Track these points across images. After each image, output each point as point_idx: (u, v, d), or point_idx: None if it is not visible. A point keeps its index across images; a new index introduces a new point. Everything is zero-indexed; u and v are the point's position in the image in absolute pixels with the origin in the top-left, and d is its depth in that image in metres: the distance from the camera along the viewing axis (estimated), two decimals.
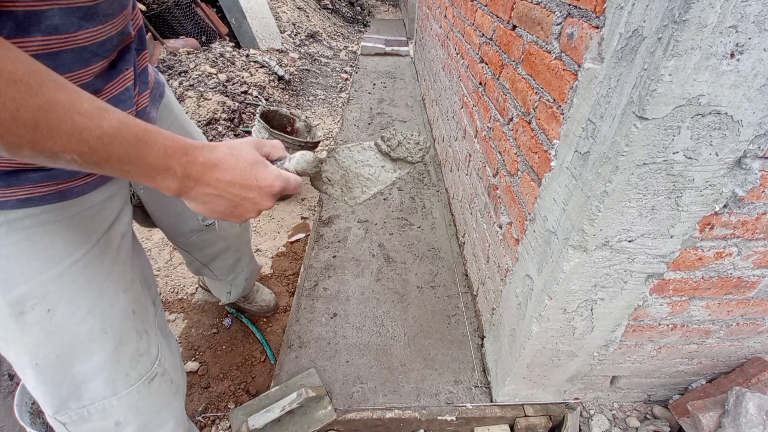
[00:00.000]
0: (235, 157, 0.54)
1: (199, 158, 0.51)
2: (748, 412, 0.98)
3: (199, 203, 0.55)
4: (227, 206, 0.56)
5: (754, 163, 0.67)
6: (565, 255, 0.82)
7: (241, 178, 0.54)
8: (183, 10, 4.14)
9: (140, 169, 0.46)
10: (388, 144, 0.70)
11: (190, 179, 0.51)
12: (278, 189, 0.58)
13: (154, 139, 0.46)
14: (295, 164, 0.62)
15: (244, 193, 0.55)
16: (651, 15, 0.59)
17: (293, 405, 1.18)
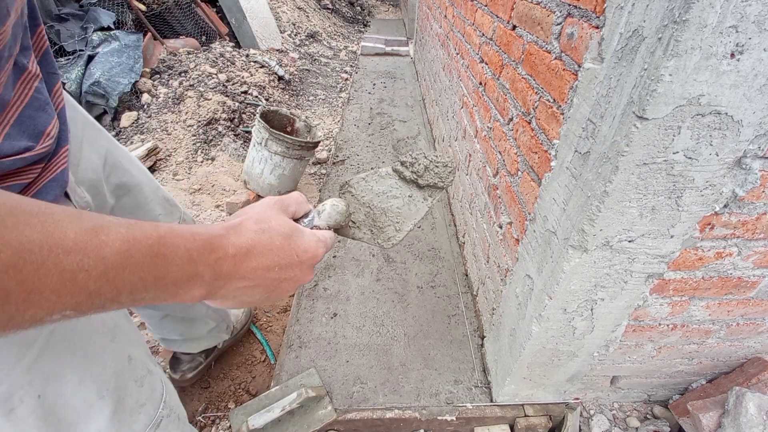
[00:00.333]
0: (267, 234, 0.44)
1: (230, 250, 0.40)
2: (748, 412, 0.98)
3: (227, 299, 0.44)
4: (263, 294, 0.46)
5: (754, 163, 0.67)
6: (565, 255, 0.82)
7: (280, 258, 0.44)
8: (183, 10, 4.14)
9: (158, 292, 0.36)
10: (414, 170, 0.61)
11: (221, 279, 0.40)
12: (321, 256, 0.49)
13: (172, 246, 0.36)
14: (327, 219, 0.53)
15: (284, 275, 0.46)
16: (651, 15, 0.59)
17: (293, 405, 1.18)
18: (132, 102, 3.14)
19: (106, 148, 0.83)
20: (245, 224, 0.44)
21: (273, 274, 0.44)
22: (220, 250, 0.40)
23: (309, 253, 0.47)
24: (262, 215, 0.46)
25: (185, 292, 0.38)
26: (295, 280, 0.47)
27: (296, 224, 0.48)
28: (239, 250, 0.41)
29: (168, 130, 2.82)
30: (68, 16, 3.28)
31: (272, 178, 2.31)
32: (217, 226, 0.42)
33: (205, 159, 2.70)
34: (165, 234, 0.36)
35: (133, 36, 3.35)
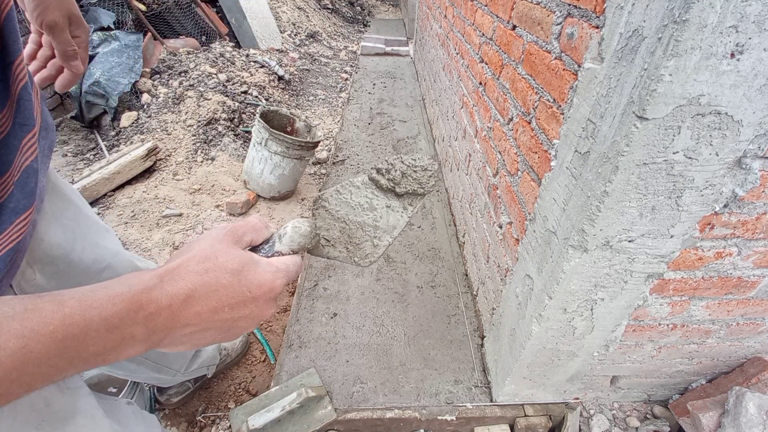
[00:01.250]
0: (213, 274, 0.40)
1: (163, 301, 0.37)
2: (748, 412, 0.98)
3: (177, 345, 0.41)
4: (217, 335, 0.43)
5: (754, 163, 0.67)
6: (565, 255, 0.82)
7: (229, 298, 0.40)
8: (183, 10, 4.14)
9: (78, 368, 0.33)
10: (390, 177, 0.55)
11: (158, 333, 0.37)
12: (281, 288, 0.45)
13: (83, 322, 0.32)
14: (289, 243, 0.48)
15: (237, 314, 0.42)
16: (651, 15, 0.59)
17: (293, 405, 1.18)
18: (132, 102, 3.14)
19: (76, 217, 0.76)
20: (185, 265, 0.40)
21: (223, 315, 0.41)
22: (150, 305, 0.36)
23: (264, 287, 0.43)
24: (207, 252, 0.41)
25: (116, 356, 0.35)
26: (251, 317, 0.43)
27: (250, 256, 0.44)
28: (175, 299, 0.38)
29: (168, 130, 2.82)
30: None
31: (272, 178, 2.31)
32: (148, 275, 0.38)
33: (205, 159, 2.70)
34: (71, 311, 0.32)
35: (133, 36, 3.35)
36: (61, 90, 0.72)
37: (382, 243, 0.56)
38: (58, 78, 0.70)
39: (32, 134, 0.51)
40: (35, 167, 0.52)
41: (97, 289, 0.35)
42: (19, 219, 0.51)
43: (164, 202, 2.34)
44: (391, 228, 0.57)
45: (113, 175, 2.39)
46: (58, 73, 0.70)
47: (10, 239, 0.50)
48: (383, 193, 0.57)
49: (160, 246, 2.05)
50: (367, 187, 0.57)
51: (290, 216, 2.36)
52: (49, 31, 0.65)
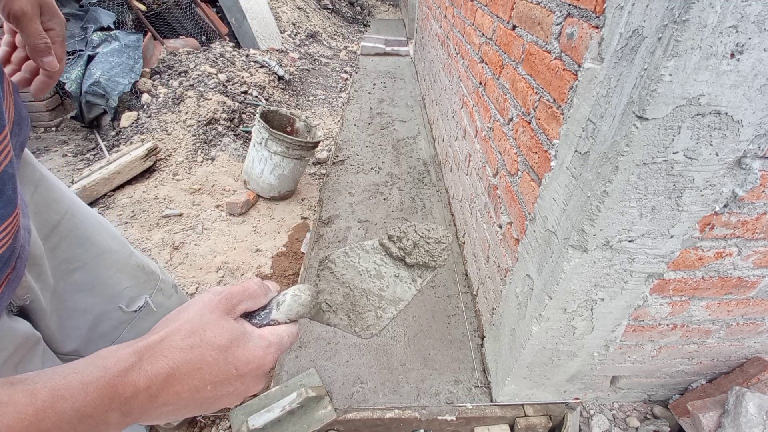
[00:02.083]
0: (198, 350, 0.37)
1: (141, 383, 0.35)
2: (748, 412, 0.98)
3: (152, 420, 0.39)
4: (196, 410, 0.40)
5: (754, 163, 0.67)
6: (565, 255, 0.82)
7: (213, 376, 0.38)
8: (183, 10, 4.14)
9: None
10: (401, 246, 0.53)
11: (133, 414, 0.35)
12: (271, 364, 0.42)
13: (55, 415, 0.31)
14: (287, 312, 0.46)
15: (220, 392, 0.39)
16: (651, 15, 0.59)
17: (293, 405, 1.18)
18: (132, 102, 3.14)
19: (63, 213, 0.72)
20: (169, 340, 0.37)
21: (205, 394, 0.38)
22: (127, 388, 0.34)
23: (253, 363, 0.40)
24: (195, 324, 0.39)
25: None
26: (235, 394, 0.41)
27: (241, 329, 0.41)
28: (154, 380, 0.35)
29: (168, 130, 2.83)
30: (68, 16, 3.28)
31: (272, 178, 2.31)
32: (126, 353, 0.35)
33: (205, 159, 2.70)
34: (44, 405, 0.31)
35: (133, 36, 3.36)
36: (36, 95, 0.64)
37: (386, 315, 0.53)
38: (33, 81, 0.62)
39: (3, 135, 0.47)
40: (11, 172, 0.49)
41: (70, 375, 0.33)
42: (1, 227, 0.48)
43: (164, 202, 2.34)
44: (397, 300, 0.53)
45: (113, 175, 2.39)
46: (33, 75, 0.63)
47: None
48: (393, 261, 0.55)
49: (160, 246, 2.05)
50: (376, 252, 0.55)
51: (290, 216, 2.36)
52: (16, 21, 0.57)
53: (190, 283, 1.85)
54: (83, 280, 0.77)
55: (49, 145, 3.05)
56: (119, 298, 0.83)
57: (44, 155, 2.91)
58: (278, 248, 2.11)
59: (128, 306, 0.85)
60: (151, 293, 0.90)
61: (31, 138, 3.14)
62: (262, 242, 2.15)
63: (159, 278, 0.95)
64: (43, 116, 3.24)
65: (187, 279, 1.87)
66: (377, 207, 2.22)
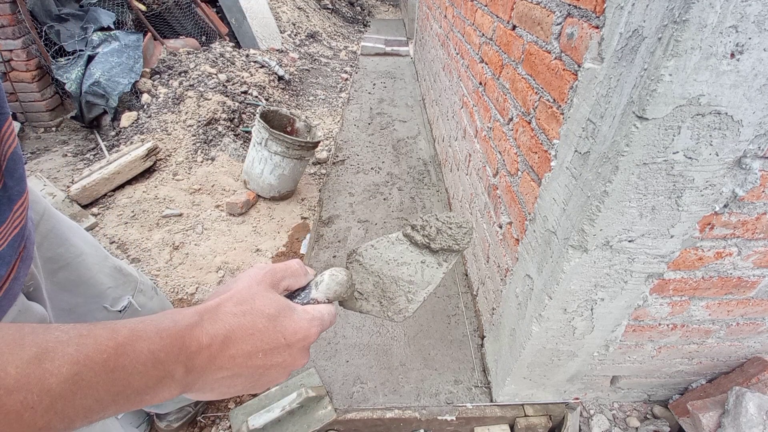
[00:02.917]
0: (249, 317, 0.39)
1: (204, 340, 0.36)
2: (748, 412, 0.98)
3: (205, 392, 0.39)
4: (246, 383, 0.41)
5: (754, 163, 0.67)
6: (565, 255, 0.82)
7: (264, 343, 0.39)
8: (183, 10, 4.14)
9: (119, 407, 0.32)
10: (425, 234, 0.56)
11: (194, 373, 0.36)
12: (315, 337, 0.44)
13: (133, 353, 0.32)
14: (325, 291, 0.48)
15: (270, 361, 0.40)
16: (651, 15, 0.59)
17: (293, 405, 1.18)
18: (132, 102, 3.14)
19: (41, 213, 0.73)
20: (224, 306, 0.39)
21: (256, 361, 0.40)
22: (193, 343, 0.36)
23: (299, 334, 0.42)
24: (245, 294, 0.41)
25: (152, 397, 0.34)
26: (284, 365, 0.42)
27: (286, 302, 0.43)
28: (215, 339, 0.37)
29: (168, 130, 2.83)
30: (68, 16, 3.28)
31: (272, 178, 2.31)
32: (190, 312, 0.37)
33: (205, 159, 2.70)
34: (124, 341, 0.32)
35: (133, 36, 3.36)
36: None
37: (417, 298, 0.55)
38: None
39: (9, 122, 0.51)
40: (19, 153, 0.52)
41: (146, 321, 0.34)
42: (17, 206, 0.51)
43: (164, 202, 2.34)
44: (426, 283, 0.56)
45: (113, 175, 2.39)
46: None
47: (13, 226, 0.50)
48: (418, 249, 0.57)
49: (160, 246, 2.05)
50: (401, 242, 0.58)
51: (290, 216, 2.36)
52: None
53: (190, 283, 1.85)
54: (67, 279, 0.79)
55: (49, 145, 3.05)
56: (102, 298, 0.84)
57: (44, 155, 2.91)
58: (278, 248, 2.11)
59: (112, 306, 0.87)
60: (132, 294, 0.91)
61: (31, 138, 3.14)
62: (262, 242, 2.15)
63: (137, 280, 0.96)
64: (43, 116, 3.24)
65: (187, 279, 1.87)
66: (377, 207, 2.22)
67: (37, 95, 3.17)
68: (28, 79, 3.10)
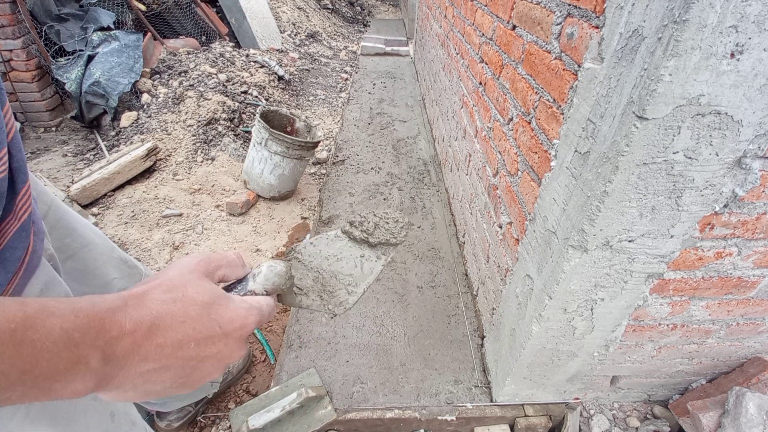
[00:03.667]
0: (181, 303, 0.36)
1: (127, 325, 0.33)
2: (748, 412, 0.98)
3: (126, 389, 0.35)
4: (175, 379, 0.37)
5: (754, 163, 0.67)
6: (565, 255, 0.82)
7: (197, 331, 0.36)
8: (183, 10, 4.14)
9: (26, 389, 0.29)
10: (363, 229, 0.58)
11: (114, 363, 0.32)
12: (253, 327, 0.41)
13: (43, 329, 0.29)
14: (263, 282, 0.46)
15: (203, 352, 0.37)
16: (651, 15, 0.59)
17: (293, 405, 1.18)
18: (132, 102, 3.14)
19: (49, 204, 0.74)
20: (151, 293, 0.36)
21: (188, 352, 0.36)
22: (114, 327, 0.32)
23: (236, 323, 0.39)
24: (175, 281, 0.38)
25: (63, 386, 0.30)
26: (219, 357, 0.39)
27: (220, 291, 0.40)
28: (139, 325, 0.33)
29: (168, 130, 2.83)
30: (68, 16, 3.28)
31: (272, 178, 2.31)
32: (112, 296, 0.34)
33: (205, 159, 2.70)
34: (34, 314, 0.29)
35: (133, 36, 3.36)
36: None
37: (357, 290, 0.56)
38: None
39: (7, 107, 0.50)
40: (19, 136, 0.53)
41: (62, 300, 0.31)
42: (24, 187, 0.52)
43: (164, 202, 2.34)
44: (366, 276, 0.57)
45: (113, 175, 2.39)
46: None
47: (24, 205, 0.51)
48: (357, 245, 0.59)
49: (160, 246, 2.05)
50: (340, 239, 0.59)
51: (290, 216, 2.36)
52: None
53: None
54: (74, 269, 0.79)
55: (49, 145, 3.05)
56: (109, 287, 0.85)
57: (44, 155, 2.91)
58: (278, 248, 2.11)
59: None
60: None
61: (31, 138, 3.14)
62: (262, 242, 2.15)
63: (142, 272, 0.97)
64: (43, 116, 3.24)
65: None
66: (377, 207, 2.22)
67: (37, 95, 3.17)
68: (28, 79, 3.11)
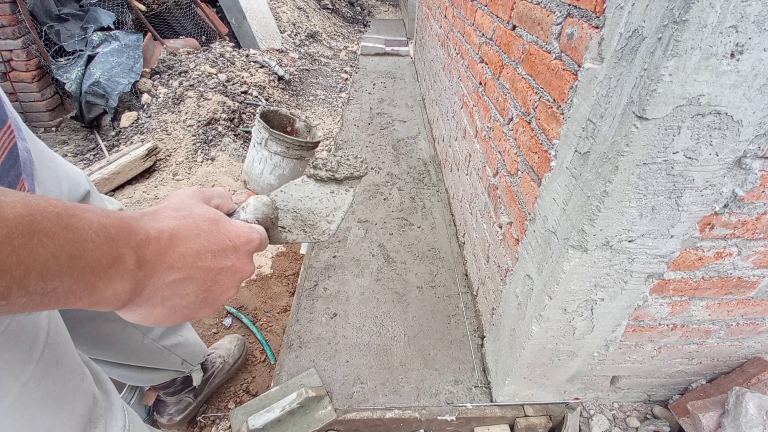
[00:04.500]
0: (191, 219, 0.38)
1: (151, 232, 0.34)
2: (748, 412, 0.98)
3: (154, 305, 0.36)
4: (199, 291, 0.39)
5: (754, 163, 0.67)
6: (565, 255, 0.82)
7: (211, 242, 0.38)
8: (183, 10, 4.14)
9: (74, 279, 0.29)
10: (329, 168, 0.64)
11: (146, 267, 0.34)
12: (257, 243, 0.44)
13: (84, 219, 0.29)
14: (253, 212, 0.51)
15: (219, 263, 0.39)
16: (651, 15, 0.59)
17: (293, 405, 1.18)
18: (132, 102, 3.14)
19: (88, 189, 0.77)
20: (162, 211, 0.38)
21: (206, 263, 0.38)
22: (140, 231, 0.33)
23: (243, 237, 0.42)
24: (179, 204, 0.41)
25: (106, 284, 0.31)
26: (234, 270, 0.41)
27: (221, 213, 0.43)
28: (161, 233, 0.35)
29: (168, 130, 2.82)
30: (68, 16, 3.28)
31: (272, 178, 2.31)
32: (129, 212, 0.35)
33: (205, 159, 2.70)
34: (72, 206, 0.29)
35: (133, 36, 3.36)
36: None
37: (335, 219, 0.62)
38: None
39: None
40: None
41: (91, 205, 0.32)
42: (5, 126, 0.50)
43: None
44: (340, 206, 0.63)
45: (113, 175, 2.39)
46: None
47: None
48: (324, 184, 0.64)
49: None
50: (307, 183, 0.64)
51: None
52: None
53: None
54: None
55: (49, 146, 3.04)
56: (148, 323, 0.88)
57: None
58: (278, 248, 2.11)
59: None
60: None
61: None
62: None
63: None
64: (43, 116, 3.24)
65: None
66: (377, 207, 2.22)
67: (37, 95, 3.17)
68: (28, 79, 3.11)
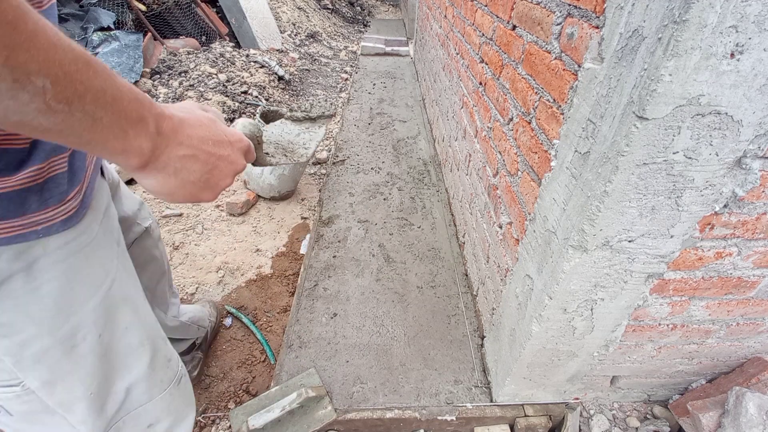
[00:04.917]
0: (194, 115, 0.47)
1: (165, 112, 0.42)
2: (748, 412, 0.98)
3: (169, 174, 0.44)
4: (202, 171, 0.46)
5: (754, 163, 0.67)
6: (565, 255, 0.82)
7: (211, 133, 0.47)
8: (183, 10, 4.14)
9: (114, 116, 0.35)
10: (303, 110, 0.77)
11: (162, 136, 0.41)
12: (247, 144, 0.54)
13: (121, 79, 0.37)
14: (242, 128, 0.62)
15: (219, 151, 0.48)
16: (651, 15, 0.59)
17: (293, 405, 1.18)
18: None
19: None
20: (170, 107, 0.45)
21: (208, 147, 0.47)
22: (158, 107, 0.41)
23: (236, 136, 0.52)
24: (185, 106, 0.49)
25: (135, 134, 0.38)
26: (230, 160, 0.50)
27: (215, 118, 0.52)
28: (174, 116, 0.43)
29: None
30: (68, 16, 3.28)
31: (272, 178, 2.31)
32: None
33: None
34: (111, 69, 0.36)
35: (133, 36, 3.36)
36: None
37: (311, 146, 0.75)
38: None
39: None
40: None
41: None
42: None
43: (164, 202, 2.34)
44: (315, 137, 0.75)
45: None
46: None
47: None
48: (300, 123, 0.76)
49: None
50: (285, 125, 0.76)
51: (290, 216, 2.36)
52: None
53: (190, 283, 1.85)
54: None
55: None
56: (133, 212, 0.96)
57: None
58: (278, 248, 2.11)
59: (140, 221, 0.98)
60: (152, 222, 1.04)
61: None
62: (262, 242, 2.15)
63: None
64: None
65: (187, 279, 1.87)
66: (377, 207, 2.22)
67: None
68: None
